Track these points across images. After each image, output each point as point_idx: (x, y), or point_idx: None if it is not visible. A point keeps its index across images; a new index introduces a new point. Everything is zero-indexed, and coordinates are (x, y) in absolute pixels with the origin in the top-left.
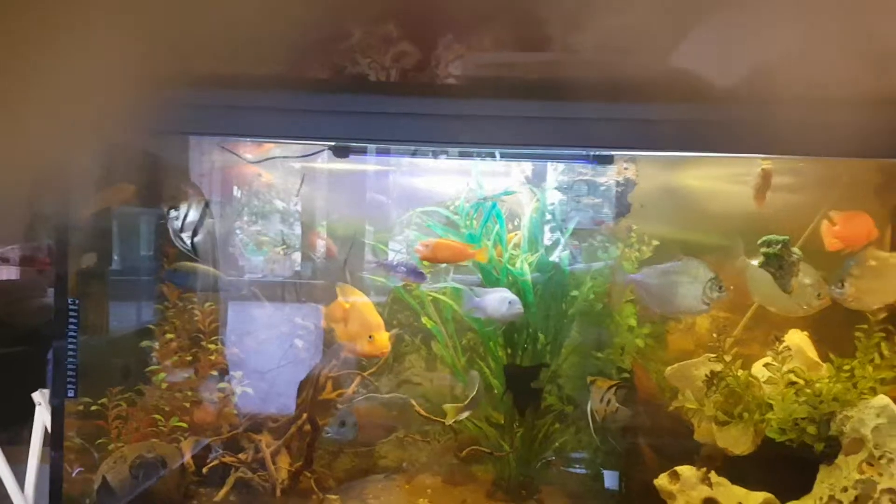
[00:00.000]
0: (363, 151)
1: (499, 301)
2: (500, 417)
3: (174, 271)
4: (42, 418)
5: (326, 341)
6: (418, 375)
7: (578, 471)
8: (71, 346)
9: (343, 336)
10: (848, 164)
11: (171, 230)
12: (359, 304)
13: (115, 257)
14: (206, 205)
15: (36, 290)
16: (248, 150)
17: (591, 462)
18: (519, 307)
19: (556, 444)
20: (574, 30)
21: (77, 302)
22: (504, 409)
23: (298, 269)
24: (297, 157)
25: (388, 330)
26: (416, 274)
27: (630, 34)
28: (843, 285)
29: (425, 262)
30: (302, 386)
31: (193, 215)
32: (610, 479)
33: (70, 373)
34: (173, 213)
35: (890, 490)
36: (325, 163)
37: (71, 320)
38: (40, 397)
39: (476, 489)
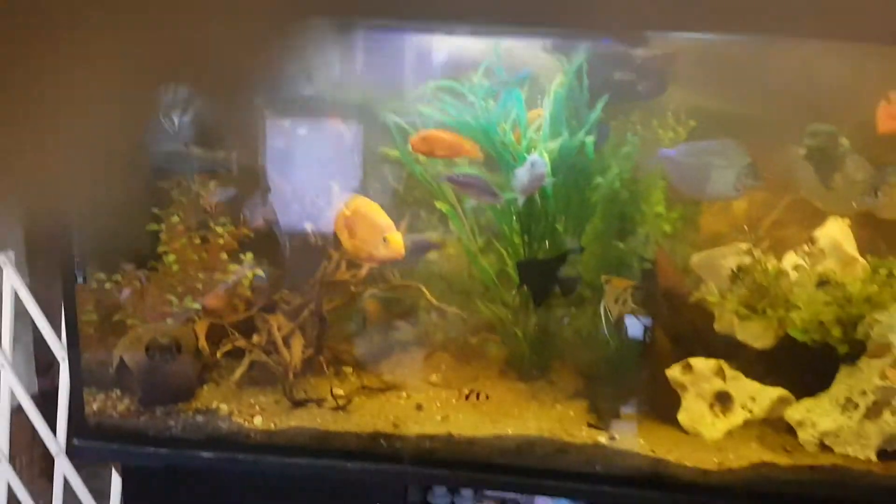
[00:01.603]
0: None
1: (525, 167)
2: (516, 300)
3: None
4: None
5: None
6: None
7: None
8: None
9: (351, 245)
10: None
11: (161, 107)
12: (363, 208)
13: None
14: None
15: None
16: None
17: (605, 344)
18: (541, 168)
19: (572, 329)
20: None
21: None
22: (519, 295)
23: None
24: None
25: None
26: (490, 193)
27: None
28: (876, 194)
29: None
30: None
31: (182, 91)
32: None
33: (77, 259)
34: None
35: None
36: None
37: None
38: (5, 259)
39: (489, 367)
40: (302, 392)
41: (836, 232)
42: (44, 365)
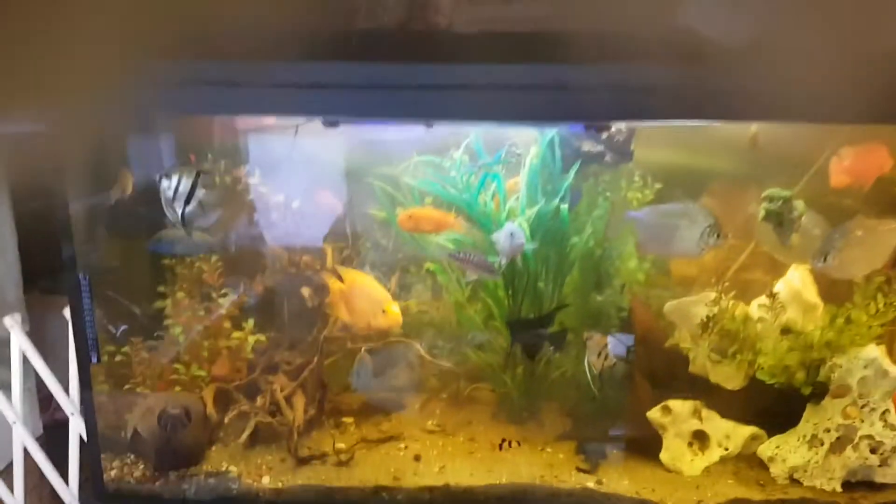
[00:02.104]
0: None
1: (505, 236)
2: (504, 344)
3: (158, 241)
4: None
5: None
6: (426, 304)
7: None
8: (88, 318)
9: (349, 317)
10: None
11: (163, 201)
12: (359, 281)
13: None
14: (198, 174)
15: None
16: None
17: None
18: (521, 239)
19: (558, 372)
20: None
21: (87, 276)
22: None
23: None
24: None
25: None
26: (489, 269)
27: None
28: (825, 259)
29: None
30: None
31: (185, 185)
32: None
33: (91, 340)
34: (165, 182)
35: (869, 437)
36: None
37: (84, 293)
38: (12, 322)
39: (481, 410)
40: (306, 449)
41: (796, 281)
42: (45, 398)
